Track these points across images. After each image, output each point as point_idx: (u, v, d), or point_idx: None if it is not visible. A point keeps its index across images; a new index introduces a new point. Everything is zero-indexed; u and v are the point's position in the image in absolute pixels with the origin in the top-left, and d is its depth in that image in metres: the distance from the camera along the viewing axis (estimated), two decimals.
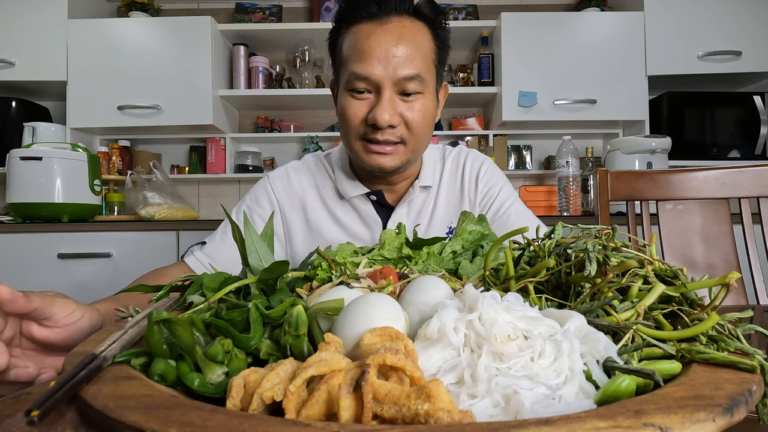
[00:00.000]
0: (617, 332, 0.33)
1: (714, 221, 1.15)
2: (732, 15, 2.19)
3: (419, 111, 0.78)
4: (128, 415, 0.24)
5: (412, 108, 0.77)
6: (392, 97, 0.76)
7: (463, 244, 0.57)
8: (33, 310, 0.42)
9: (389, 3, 0.75)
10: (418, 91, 0.77)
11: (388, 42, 0.74)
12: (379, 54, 0.74)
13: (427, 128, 0.81)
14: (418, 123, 0.78)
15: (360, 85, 0.76)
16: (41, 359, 0.44)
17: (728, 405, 0.24)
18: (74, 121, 2.22)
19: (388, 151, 0.79)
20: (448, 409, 0.23)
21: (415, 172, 0.93)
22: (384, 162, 0.80)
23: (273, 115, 2.62)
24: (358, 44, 0.76)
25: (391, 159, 0.80)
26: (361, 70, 0.75)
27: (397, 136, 0.78)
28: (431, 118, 0.81)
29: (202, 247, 0.89)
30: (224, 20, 2.56)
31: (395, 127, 0.77)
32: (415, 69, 0.75)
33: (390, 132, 0.77)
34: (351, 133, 0.80)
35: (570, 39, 2.24)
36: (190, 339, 0.31)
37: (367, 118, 0.77)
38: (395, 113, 0.76)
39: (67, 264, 1.89)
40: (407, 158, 0.82)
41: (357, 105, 0.78)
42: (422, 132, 0.80)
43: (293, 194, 0.94)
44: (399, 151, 0.80)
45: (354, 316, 0.34)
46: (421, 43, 0.77)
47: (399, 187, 0.92)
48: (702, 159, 2.22)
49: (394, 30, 0.75)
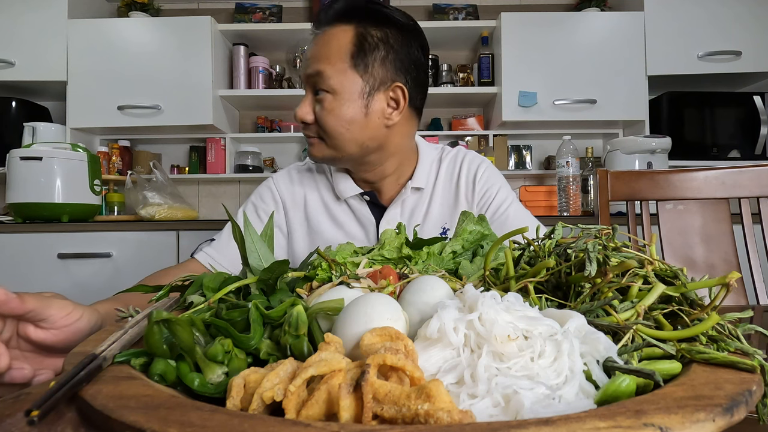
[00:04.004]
0: (617, 332, 0.33)
1: (714, 221, 1.15)
2: (732, 15, 2.19)
3: (326, 109, 0.80)
4: (128, 415, 0.24)
5: (321, 106, 0.81)
6: (308, 95, 0.83)
7: (463, 244, 0.57)
8: (27, 312, 0.41)
9: (321, 20, 0.83)
10: (324, 89, 0.80)
11: (309, 48, 0.83)
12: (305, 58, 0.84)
13: (343, 128, 0.80)
14: (327, 121, 0.80)
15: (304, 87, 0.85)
16: (39, 360, 0.44)
17: (728, 405, 0.24)
18: (74, 121, 2.22)
19: (312, 142, 0.85)
20: (448, 409, 0.23)
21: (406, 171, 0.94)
22: (312, 151, 0.86)
23: (273, 115, 2.62)
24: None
25: (316, 149, 0.85)
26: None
27: (314, 132, 0.83)
28: (350, 118, 0.80)
29: (212, 243, 0.92)
30: (224, 20, 2.56)
31: (309, 124, 0.83)
32: (317, 67, 0.79)
33: (307, 128, 0.84)
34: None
35: (570, 39, 2.24)
36: (190, 339, 0.31)
37: None
38: (309, 111, 0.82)
39: (67, 264, 1.89)
40: (330, 153, 0.84)
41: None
42: (336, 131, 0.80)
43: (295, 194, 0.98)
44: (320, 145, 0.84)
45: (354, 316, 0.34)
46: (333, 44, 0.80)
47: (388, 187, 0.93)
48: (702, 159, 2.22)
49: (319, 38, 0.82)
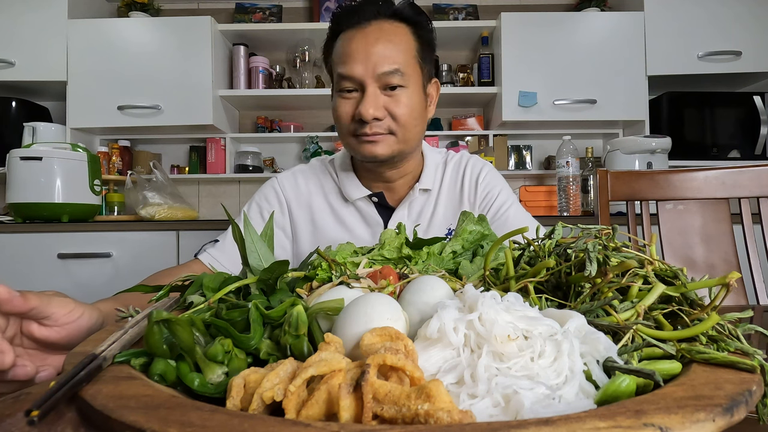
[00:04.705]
0: (617, 332, 0.33)
1: (714, 221, 1.15)
2: (732, 15, 2.19)
3: (403, 103, 0.83)
4: (128, 415, 0.24)
5: (396, 100, 0.83)
6: (375, 92, 0.82)
7: (463, 244, 0.57)
8: (30, 310, 0.42)
9: (368, 12, 0.83)
10: (400, 85, 0.82)
11: (367, 43, 0.81)
12: (360, 54, 0.81)
13: (414, 120, 0.85)
14: (403, 114, 0.83)
15: (347, 85, 0.83)
16: (42, 358, 0.44)
17: (728, 405, 0.24)
18: (74, 121, 2.21)
19: (378, 139, 0.83)
20: (448, 409, 0.23)
21: (415, 173, 0.96)
22: (375, 150, 0.84)
23: (273, 115, 2.61)
24: (342, 49, 0.84)
25: (382, 147, 0.84)
26: (345, 71, 0.82)
27: (385, 128, 0.83)
28: (418, 111, 0.86)
29: (215, 244, 0.92)
30: (224, 20, 2.56)
31: (381, 120, 0.82)
32: (395, 64, 0.81)
33: (377, 125, 0.83)
34: (343, 131, 0.87)
35: (570, 39, 2.24)
36: (190, 339, 0.31)
37: (354, 114, 0.83)
38: (379, 107, 0.82)
39: (67, 264, 1.89)
40: (399, 148, 0.86)
41: (345, 104, 0.84)
42: (409, 123, 0.85)
43: (300, 196, 0.98)
44: (389, 141, 0.84)
45: (354, 316, 0.34)
46: (399, 41, 0.83)
47: (399, 188, 0.95)
48: (702, 159, 2.22)
49: (372, 32, 0.82)
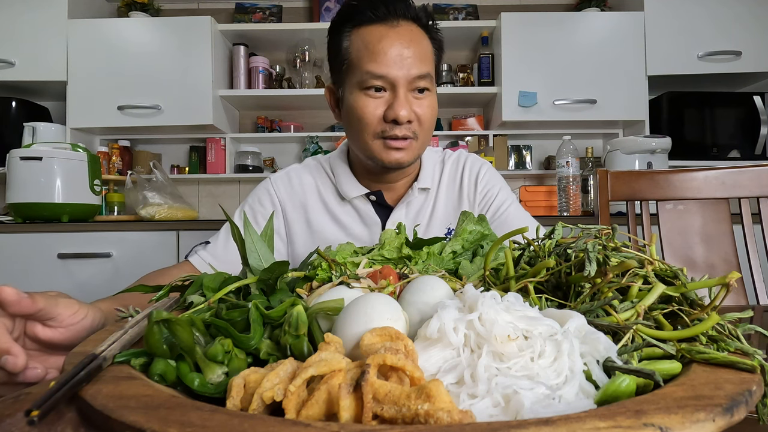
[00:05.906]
0: (617, 332, 0.33)
1: (714, 221, 1.15)
2: (732, 15, 2.19)
3: (429, 107, 0.83)
4: (128, 415, 0.24)
5: (422, 105, 0.82)
6: (407, 94, 0.81)
7: (463, 244, 0.57)
8: (38, 311, 0.42)
9: (398, 9, 0.80)
10: (426, 88, 0.82)
11: (401, 44, 0.79)
12: (394, 55, 0.79)
13: (433, 124, 0.87)
14: (429, 118, 0.84)
15: (377, 83, 0.79)
16: (45, 359, 0.44)
17: (728, 405, 0.24)
18: (74, 121, 2.21)
19: (404, 146, 0.82)
20: (448, 409, 0.23)
21: (413, 172, 0.95)
22: (401, 157, 0.83)
23: (273, 115, 2.61)
24: (371, 45, 0.79)
25: (406, 154, 0.84)
26: (377, 70, 0.78)
27: (412, 131, 0.82)
28: (436, 114, 0.87)
29: (206, 246, 0.90)
30: (224, 20, 2.56)
31: (411, 122, 0.82)
32: (426, 68, 0.81)
33: (407, 127, 0.81)
34: (367, 132, 0.82)
35: (570, 39, 2.24)
36: (190, 339, 0.31)
37: (384, 115, 0.81)
38: (411, 110, 0.81)
39: (67, 264, 1.89)
40: (418, 153, 0.86)
41: (374, 103, 0.80)
42: (431, 127, 0.86)
43: (294, 196, 0.96)
44: (413, 146, 0.84)
45: (354, 316, 0.34)
46: (425, 45, 0.83)
47: (398, 187, 0.94)
48: (702, 159, 2.22)
49: (405, 33, 0.80)
